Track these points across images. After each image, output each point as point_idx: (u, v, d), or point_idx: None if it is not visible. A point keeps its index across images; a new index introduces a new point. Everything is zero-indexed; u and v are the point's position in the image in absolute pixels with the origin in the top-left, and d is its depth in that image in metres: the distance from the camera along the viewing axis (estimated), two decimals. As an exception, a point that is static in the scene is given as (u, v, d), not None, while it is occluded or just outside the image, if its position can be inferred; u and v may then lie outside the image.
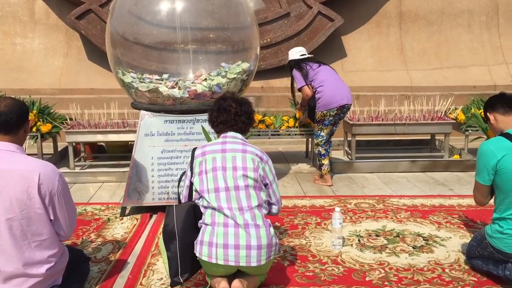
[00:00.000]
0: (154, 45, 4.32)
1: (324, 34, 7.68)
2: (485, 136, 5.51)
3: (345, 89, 4.81)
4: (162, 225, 2.99)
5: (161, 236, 2.68)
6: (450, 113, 5.65)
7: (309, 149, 5.85)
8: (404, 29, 8.34)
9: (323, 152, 4.89)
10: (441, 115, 5.58)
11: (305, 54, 4.98)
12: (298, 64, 4.88)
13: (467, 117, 5.59)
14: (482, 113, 5.59)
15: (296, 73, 4.89)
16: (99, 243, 3.51)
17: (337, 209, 3.40)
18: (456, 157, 5.55)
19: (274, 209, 2.80)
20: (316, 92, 4.78)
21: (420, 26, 8.35)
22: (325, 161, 4.90)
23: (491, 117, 2.83)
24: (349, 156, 5.72)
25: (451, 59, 8.18)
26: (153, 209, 4.08)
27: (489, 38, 8.32)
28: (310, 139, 5.68)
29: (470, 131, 5.59)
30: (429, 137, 6.04)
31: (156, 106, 4.04)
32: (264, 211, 2.66)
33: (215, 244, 2.49)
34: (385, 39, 8.32)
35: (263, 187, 2.69)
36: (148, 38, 4.27)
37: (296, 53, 4.97)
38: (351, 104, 4.84)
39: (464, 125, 5.58)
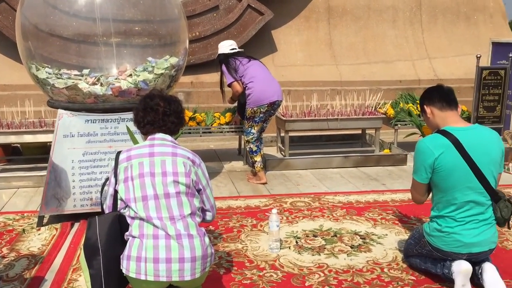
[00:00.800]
0: (72, 38, 3.95)
1: (254, 28, 7.53)
2: (419, 133, 5.63)
3: (275, 85, 4.69)
4: (83, 239, 2.69)
5: (82, 251, 2.40)
6: (380, 108, 5.70)
7: (242, 146, 5.69)
8: (333, 24, 8.38)
9: (254, 149, 4.75)
10: (372, 110, 5.62)
11: (235, 48, 4.81)
12: (228, 58, 4.70)
13: (396, 111, 5.66)
14: (412, 107, 5.75)
15: (225, 68, 4.71)
16: (12, 258, 3.14)
17: (274, 211, 3.26)
18: (386, 151, 5.61)
19: (209, 216, 2.59)
20: (246, 88, 4.63)
21: (348, 21, 8.43)
22: (258, 158, 4.76)
23: (427, 110, 2.78)
24: (282, 153, 5.62)
25: (377, 54, 8.32)
26: (74, 217, 3.74)
27: (412, 33, 8.55)
28: (242, 136, 5.51)
29: (399, 125, 5.68)
30: (360, 132, 6.08)
31: (75, 105, 3.69)
32: (198, 219, 2.45)
33: (144, 259, 2.25)
34: (314, 33, 8.32)
35: (196, 193, 2.48)
36: (66, 29, 3.90)
37: (226, 47, 4.79)
38: (281, 101, 4.73)
39: (393, 120, 5.66)
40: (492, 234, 2.69)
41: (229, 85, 4.70)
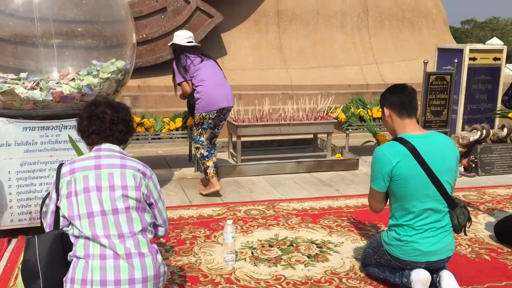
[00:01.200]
0: (8, 38, 3.67)
1: (204, 31, 7.37)
2: (374, 140, 5.66)
3: (226, 89, 4.48)
4: (21, 260, 2.45)
5: (20, 273, 2.17)
6: (331, 113, 5.69)
7: (193, 152, 5.51)
8: (283, 28, 8.36)
9: (206, 153, 4.52)
10: (323, 114, 5.60)
11: (192, 42, 4.52)
12: (181, 52, 4.43)
13: (347, 116, 5.68)
14: (363, 112, 5.78)
15: (175, 66, 4.46)
16: None
17: (229, 222, 3.12)
18: (338, 156, 5.61)
19: (161, 231, 2.43)
20: (195, 91, 4.41)
21: (297, 25, 8.43)
22: (210, 163, 4.52)
23: (386, 112, 2.74)
24: (234, 159, 5.49)
25: (327, 58, 8.37)
26: (12, 233, 3.45)
27: (360, 38, 8.67)
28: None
29: (350, 130, 5.69)
30: (312, 136, 6.05)
31: (12, 111, 3.40)
32: (150, 236, 2.28)
33: (90, 282, 2.06)
34: (264, 37, 8.26)
35: (147, 207, 2.31)
36: (1, 29, 3.62)
37: (183, 38, 4.49)
38: (231, 107, 4.56)
39: (345, 124, 5.66)
40: (450, 241, 2.68)
41: (179, 84, 4.50)
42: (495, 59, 5.78)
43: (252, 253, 3.29)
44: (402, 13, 8.95)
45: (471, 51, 5.70)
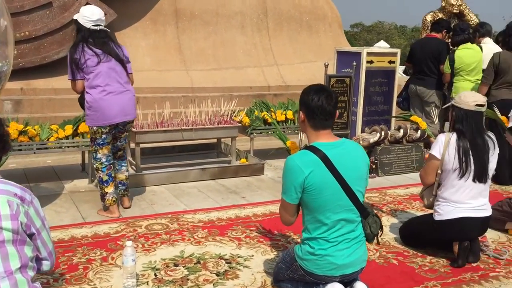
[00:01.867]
0: None
1: (96, 29, 6.83)
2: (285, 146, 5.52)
3: (124, 101, 3.81)
4: None
5: None
6: (235, 116, 5.52)
7: (86, 161, 5.04)
8: (181, 28, 8.05)
9: (105, 178, 3.88)
10: (227, 118, 5.41)
11: (100, 25, 3.74)
12: (82, 40, 3.68)
13: (252, 120, 5.54)
14: (267, 115, 5.68)
15: (69, 58, 3.71)
16: None
17: (129, 243, 2.80)
18: (243, 161, 5.45)
19: (46, 265, 2.07)
20: (85, 99, 3.77)
21: (197, 25, 8.18)
22: (109, 189, 3.90)
23: (302, 116, 2.58)
24: (133, 167, 5.11)
25: (228, 60, 8.21)
26: None
27: (260, 40, 8.63)
28: (87, 151, 4.88)
29: (255, 134, 5.56)
30: (215, 141, 5.84)
31: None
32: (31, 273, 1.91)
33: None
34: (162, 37, 7.90)
35: (28, 239, 1.94)
36: None
37: (88, 19, 3.69)
38: (132, 120, 3.99)
39: (249, 128, 5.52)
40: (363, 252, 2.61)
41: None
42: (390, 62, 5.98)
43: (155, 275, 2.99)
44: (300, 16, 9.06)
45: (368, 54, 5.83)
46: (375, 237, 2.67)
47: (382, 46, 20.55)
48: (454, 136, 3.19)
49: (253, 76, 8.20)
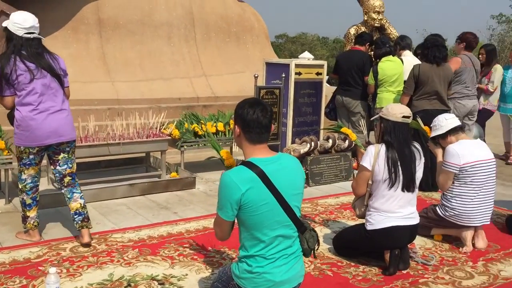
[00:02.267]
0: None
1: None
2: (218, 155, 5.42)
3: (59, 121, 3.47)
4: None
5: None
6: (164, 129, 5.37)
7: (3, 179, 4.68)
8: (105, 38, 7.76)
9: (28, 201, 3.58)
10: (156, 131, 5.25)
11: (33, 33, 3.39)
12: (14, 51, 3.31)
13: (182, 132, 5.42)
14: (197, 128, 5.56)
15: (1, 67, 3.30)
16: None
17: (52, 270, 2.60)
18: (173, 175, 5.30)
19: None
20: (15, 117, 3.42)
21: (122, 35, 7.92)
22: (32, 213, 3.60)
23: (237, 130, 2.51)
24: (55, 185, 4.81)
25: (155, 71, 8.01)
26: None
27: (188, 51, 8.51)
28: (3, 169, 4.53)
29: (185, 147, 5.44)
30: (144, 155, 5.65)
31: None
32: None
33: None
34: (85, 47, 7.56)
35: None
36: None
37: (20, 27, 3.32)
38: (71, 140, 3.60)
39: (179, 141, 5.39)
40: (300, 267, 2.58)
41: None
42: (317, 73, 6.10)
43: (83, 302, 2.80)
44: (228, 27, 9.05)
45: (297, 66, 5.92)
46: (312, 252, 2.65)
47: (306, 56, 21.17)
48: (383, 148, 3.27)
49: (181, 87, 8.06)
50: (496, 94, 6.94)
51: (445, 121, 3.85)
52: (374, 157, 3.26)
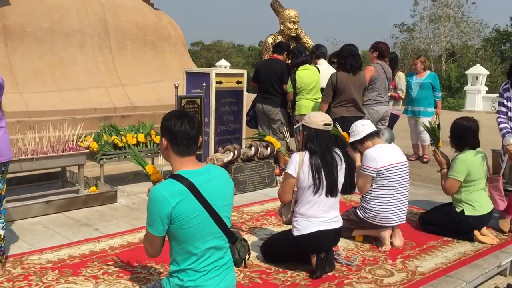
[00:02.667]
0: None
1: None
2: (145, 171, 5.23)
3: None
4: None
5: None
6: (81, 142, 5.14)
7: None
8: (12, 47, 7.30)
9: None
10: (72, 144, 5.01)
11: None
12: None
13: (100, 145, 5.22)
14: (117, 139, 5.38)
15: None
16: None
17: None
18: (93, 189, 5.09)
19: None
20: None
21: (30, 44, 7.49)
22: None
23: (164, 143, 2.47)
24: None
25: (68, 81, 7.65)
26: None
27: (103, 60, 8.22)
28: None
29: (105, 160, 5.25)
30: (60, 169, 5.36)
31: None
32: None
33: None
34: (-12, 56, 7.07)
35: None
36: None
37: None
38: (3, 161, 3.28)
39: (98, 154, 5.19)
40: (232, 278, 2.59)
41: None
42: (238, 82, 6.16)
43: (0, 332, 2.60)
44: (144, 35, 8.87)
45: (217, 75, 5.93)
46: (243, 261, 2.66)
47: (223, 64, 21.24)
48: (307, 155, 3.37)
49: (97, 98, 7.76)
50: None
51: (362, 127, 4.05)
52: (299, 164, 3.35)
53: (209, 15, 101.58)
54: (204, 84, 5.83)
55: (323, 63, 6.58)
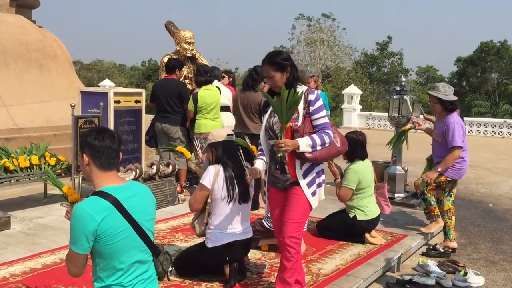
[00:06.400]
0: None
1: None
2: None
3: None
4: None
5: None
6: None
7: None
8: None
9: None
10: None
11: None
12: None
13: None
14: (7, 162, 5.05)
15: None
16: None
17: None
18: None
19: None
20: None
21: None
22: None
23: (86, 159, 2.47)
24: None
25: None
26: None
27: (-17, 79, 7.66)
28: None
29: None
30: None
31: None
32: None
33: None
34: None
35: None
36: None
37: None
38: None
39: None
40: (156, 290, 2.64)
41: None
42: (136, 101, 6.14)
43: None
44: (28, 54, 8.42)
45: (115, 94, 5.87)
46: (166, 274, 2.73)
47: (107, 84, 20.65)
48: (221, 168, 3.53)
49: (-23, 119, 7.20)
50: None
51: None
52: (214, 176, 3.49)
53: (86, 33, 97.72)
54: (102, 104, 5.73)
55: (216, 84, 6.78)
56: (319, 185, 3.32)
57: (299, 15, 35.57)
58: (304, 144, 3.12)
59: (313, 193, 3.28)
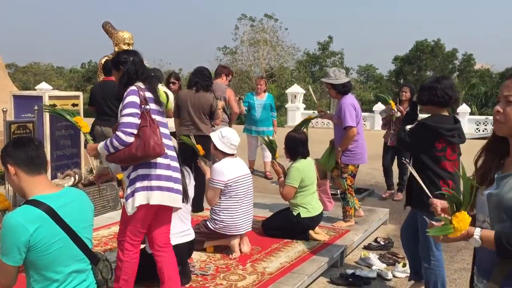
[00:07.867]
0: None
1: None
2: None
3: None
4: None
5: None
6: None
7: None
8: None
9: None
10: None
11: None
12: None
13: None
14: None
15: None
16: None
17: None
18: None
19: None
20: None
21: None
22: None
23: (11, 170, 2.35)
24: None
25: None
26: None
27: None
28: None
29: None
30: None
31: None
32: None
33: None
34: None
35: None
36: None
37: None
38: None
39: None
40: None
41: None
42: (73, 105, 5.94)
43: None
44: (-45, 56, 7.97)
45: (50, 98, 5.66)
46: (106, 282, 2.65)
47: (44, 87, 19.82)
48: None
49: None
50: None
51: None
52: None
53: (21, 34, 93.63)
54: (36, 108, 5.50)
55: (163, 89, 6.67)
56: (133, 192, 3.22)
57: (241, 16, 35.73)
58: (100, 146, 3.19)
59: (126, 198, 3.24)
